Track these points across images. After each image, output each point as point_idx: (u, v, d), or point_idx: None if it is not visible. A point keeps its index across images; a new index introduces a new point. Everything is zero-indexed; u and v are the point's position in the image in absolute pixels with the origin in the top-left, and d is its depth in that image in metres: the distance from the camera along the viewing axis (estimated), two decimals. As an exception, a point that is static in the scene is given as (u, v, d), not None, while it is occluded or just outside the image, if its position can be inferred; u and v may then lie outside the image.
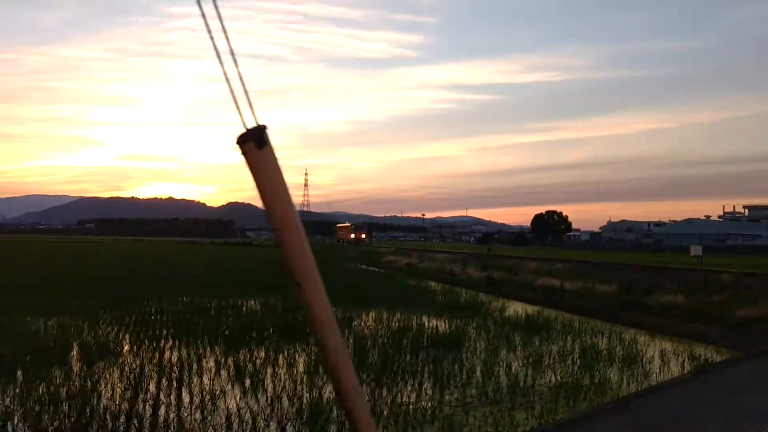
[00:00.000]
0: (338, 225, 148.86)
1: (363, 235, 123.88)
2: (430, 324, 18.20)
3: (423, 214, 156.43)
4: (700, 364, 10.83)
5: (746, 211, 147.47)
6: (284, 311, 19.94)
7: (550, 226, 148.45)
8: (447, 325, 17.92)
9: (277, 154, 1.19)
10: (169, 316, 18.07)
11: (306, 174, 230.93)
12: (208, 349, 13.33)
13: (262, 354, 12.80)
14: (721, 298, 21.71)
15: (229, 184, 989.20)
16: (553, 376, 11.88)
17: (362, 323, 18.12)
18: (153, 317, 17.91)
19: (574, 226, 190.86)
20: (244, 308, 20.53)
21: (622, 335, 16.92)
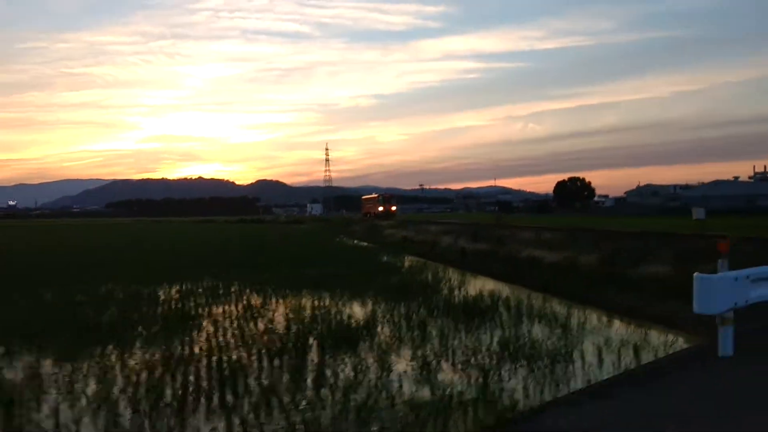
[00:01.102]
0: (364, 197, 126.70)
1: (393, 208, 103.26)
2: (353, 311, 15.62)
3: (421, 185, 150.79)
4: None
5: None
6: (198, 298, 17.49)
7: (573, 193, 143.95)
8: (370, 313, 15.22)
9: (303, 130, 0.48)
10: (47, 307, 15.67)
11: (327, 149, 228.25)
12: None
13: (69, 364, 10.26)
14: (709, 269, 18.56)
15: (257, 162, 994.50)
16: (435, 387, 9.10)
17: (272, 312, 15.54)
18: (31, 307, 15.51)
19: (604, 192, 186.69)
20: (156, 296, 18.04)
21: (571, 320, 14.04)
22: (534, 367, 9.99)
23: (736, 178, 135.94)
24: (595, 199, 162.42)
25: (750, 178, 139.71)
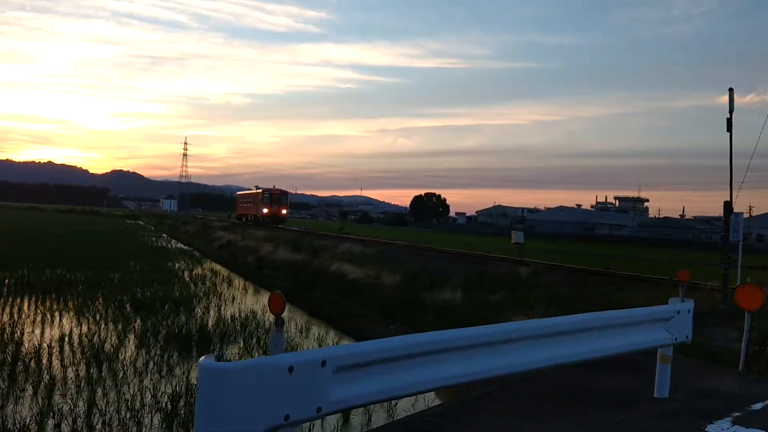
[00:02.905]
0: (241, 194, 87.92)
1: (284, 211, 71.62)
2: (45, 331, 12.14)
3: (295, 190, 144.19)
4: None
5: (617, 202, 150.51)
6: None
7: (428, 208, 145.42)
8: (58, 336, 11.77)
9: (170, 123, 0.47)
10: None
11: (186, 143, 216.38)
12: None
13: None
14: (500, 298, 16.72)
15: (114, 151, 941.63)
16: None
17: None
18: None
19: (462, 209, 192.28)
20: None
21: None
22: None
23: (579, 205, 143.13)
24: (451, 215, 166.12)
25: (592, 207, 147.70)
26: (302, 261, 29.63)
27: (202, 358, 2.89)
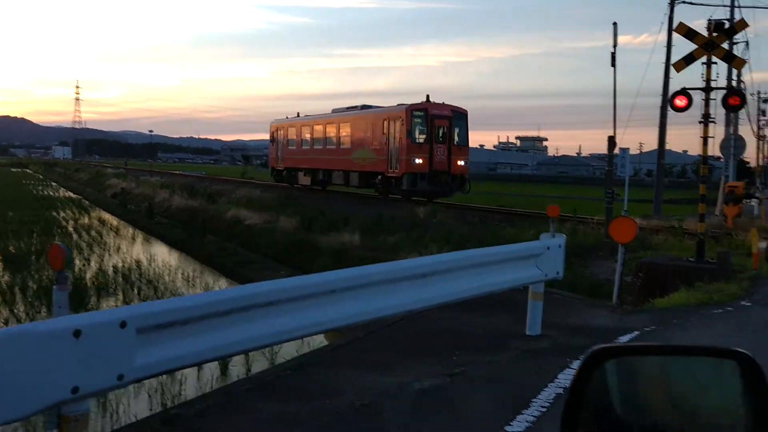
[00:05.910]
0: (302, 120, 35.91)
1: (461, 161, 27.19)
2: None
3: (199, 135, 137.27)
4: None
5: (518, 141, 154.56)
6: None
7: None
8: None
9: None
10: None
11: (77, 87, 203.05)
12: None
13: None
14: (396, 239, 16.63)
15: (1, 95, 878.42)
16: None
17: None
18: None
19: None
20: None
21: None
22: None
23: (482, 146, 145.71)
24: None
25: (494, 147, 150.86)
26: (198, 207, 28.60)
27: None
